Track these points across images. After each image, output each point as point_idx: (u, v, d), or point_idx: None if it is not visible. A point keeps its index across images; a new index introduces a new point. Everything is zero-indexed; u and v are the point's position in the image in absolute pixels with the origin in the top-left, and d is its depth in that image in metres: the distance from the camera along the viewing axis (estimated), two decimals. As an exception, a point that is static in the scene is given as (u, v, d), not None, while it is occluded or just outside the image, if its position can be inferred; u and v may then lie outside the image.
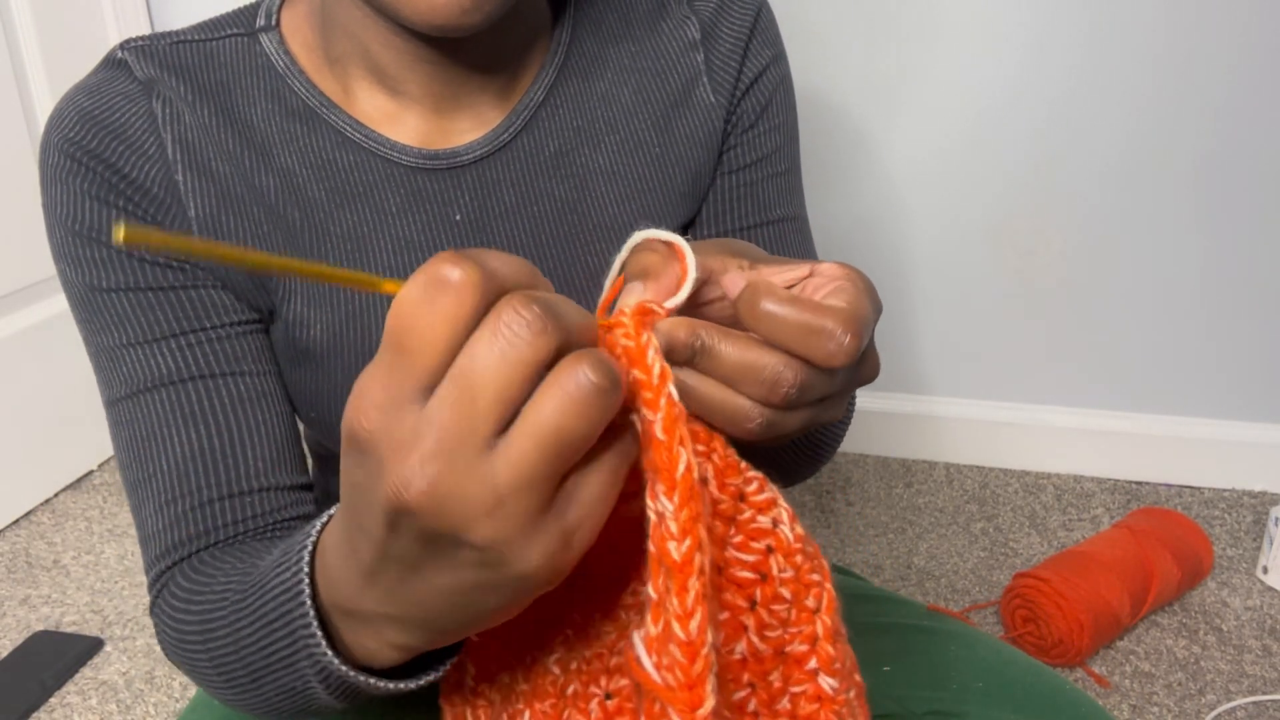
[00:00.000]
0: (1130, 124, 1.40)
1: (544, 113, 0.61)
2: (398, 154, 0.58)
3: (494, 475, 0.30)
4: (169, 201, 0.56)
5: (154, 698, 1.16)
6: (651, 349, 0.32)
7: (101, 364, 0.57)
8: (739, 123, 0.64)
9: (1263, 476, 1.53)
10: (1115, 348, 1.53)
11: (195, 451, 0.55)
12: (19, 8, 1.40)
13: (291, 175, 0.57)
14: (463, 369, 0.29)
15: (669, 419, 0.32)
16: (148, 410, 0.55)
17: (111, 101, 0.56)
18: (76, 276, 0.56)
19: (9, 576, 1.38)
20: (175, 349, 0.56)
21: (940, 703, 0.59)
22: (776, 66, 0.65)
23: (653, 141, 0.63)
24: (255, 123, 0.58)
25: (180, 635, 0.52)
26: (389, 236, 0.58)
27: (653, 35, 0.63)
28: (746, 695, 0.37)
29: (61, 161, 0.55)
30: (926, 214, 1.51)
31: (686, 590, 0.31)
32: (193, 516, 0.55)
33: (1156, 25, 1.34)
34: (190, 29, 0.60)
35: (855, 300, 0.37)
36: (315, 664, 0.42)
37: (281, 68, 0.58)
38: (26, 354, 1.49)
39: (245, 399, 0.56)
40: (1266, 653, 1.21)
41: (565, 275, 0.61)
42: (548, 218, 0.61)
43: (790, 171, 0.67)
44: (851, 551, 1.42)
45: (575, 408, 0.29)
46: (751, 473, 0.37)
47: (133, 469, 0.56)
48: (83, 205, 0.55)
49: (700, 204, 0.65)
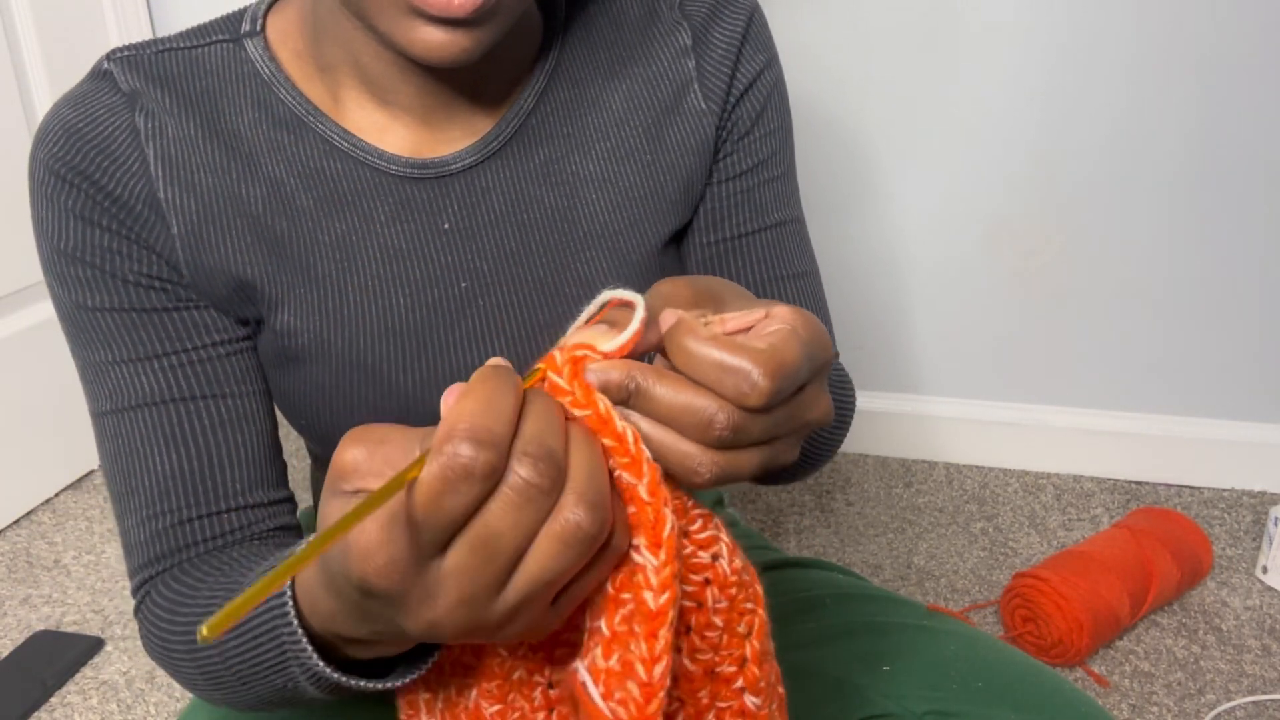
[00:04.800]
0: (1130, 124, 1.40)
1: (534, 120, 0.61)
2: (386, 163, 0.58)
3: (501, 610, 0.34)
4: (152, 219, 0.56)
5: (154, 697, 1.16)
6: (617, 415, 0.35)
7: (88, 377, 0.58)
8: (734, 130, 0.64)
9: (1262, 476, 1.53)
10: (1115, 348, 1.53)
11: (176, 471, 0.56)
12: (19, 8, 1.40)
13: (279, 184, 0.57)
14: (480, 536, 0.33)
15: (653, 483, 0.35)
16: (131, 428, 0.56)
17: (95, 115, 0.56)
18: (63, 294, 0.57)
19: (9, 576, 1.39)
20: (159, 369, 0.56)
21: (940, 702, 0.59)
22: (770, 71, 0.65)
23: (643, 149, 0.62)
24: (242, 132, 0.57)
25: (165, 642, 0.53)
26: (377, 245, 0.58)
27: (644, 42, 0.63)
28: (675, 709, 0.39)
29: (47, 178, 0.55)
30: (926, 214, 1.51)
31: (656, 638, 0.34)
32: (174, 532, 0.56)
33: (1158, 25, 1.34)
34: (178, 35, 0.60)
35: (781, 343, 0.36)
36: (305, 670, 0.43)
37: (268, 75, 0.58)
38: (26, 354, 1.49)
39: (226, 421, 0.57)
40: (1266, 653, 1.21)
41: (555, 283, 0.61)
42: (537, 225, 0.60)
43: (786, 175, 0.67)
44: (851, 551, 1.42)
45: (567, 552, 0.33)
46: (697, 510, 0.38)
47: (116, 480, 0.57)
48: (68, 225, 0.55)
49: (693, 211, 0.65)
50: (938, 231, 1.52)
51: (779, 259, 0.66)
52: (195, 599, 0.52)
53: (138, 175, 0.55)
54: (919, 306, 1.57)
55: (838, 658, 0.64)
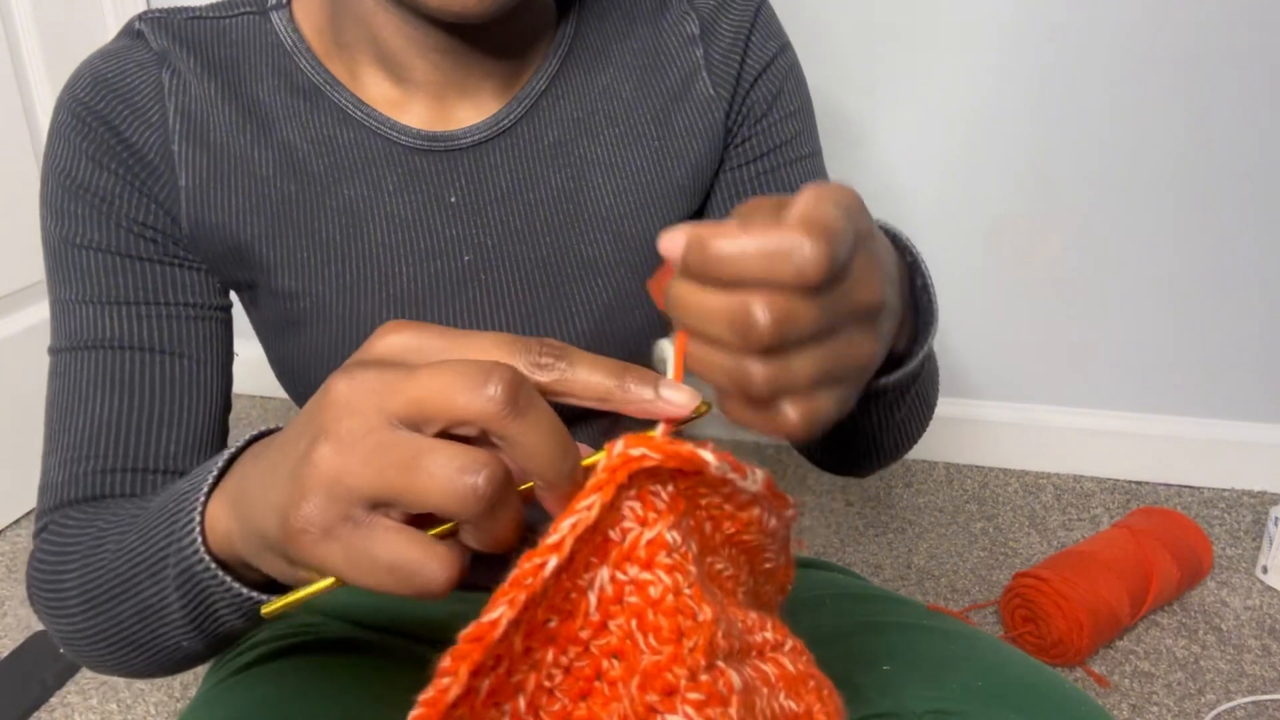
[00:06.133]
0: (1130, 124, 1.40)
1: (545, 102, 0.62)
2: (398, 134, 0.60)
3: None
4: (163, 169, 0.58)
5: (154, 698, 1.16)
6: None
7: (55, 314, 0.59)
8: (750, 114, 0.65)
9: (1263, 476, 1.53)
10: (1115, 348, 1.53)
11: (114, 418, 0.57)
12: (19, 8, 1.40)
13: (292, 149, 0.59)
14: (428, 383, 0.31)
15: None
16: (81, 366, 0.57)
17: (125, 68, 0.58)
18: (55, 227, 0.59)
19: (9, 576, 1.38)
20: (126, 316, 0.58)
21: (940, 701, 0.59)
22: (783, 56, 0.66)
23: (652, 135, 0.64)
24: (260, 97, 0.59)
25: (61, 555, 0.52)
26: (384, 213, 0.60)
27: (654, 31, 0.64)
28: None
29: (68, 119, 0.58)
30: (926, 214, 1.51)
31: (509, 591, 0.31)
32: (95, 479, 0.56)
33: (1159, 25, 1.34)
34: (206, 6, 0.62)
35: (811, 209, 0.32)
36: (181, 556, 0.42)
37: (290, 45, 0.60)
38: (27, 354, 1.49)
39: (177, 381, 0.58)
40: (1266, 652, 1.21)
41: (558, 263, 0.62)
42: (544, 204, 0.62)
43: (813, 156, 0.68)
44: (851, 551, 1.42)
45: (449, 486, 0.30)
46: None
47: (53, 418, 0.58)
48: (78, 163, 0.57)
49: (703, 198, 0.66)
50: (938, 231, 1.52)
51: None
52: (116, 511, 0.52)
53: (156, 127, 0.57)
54: (919, 306, 1.57)
55: (837, 657, 0.63)
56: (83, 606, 0.50)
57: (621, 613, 0.33)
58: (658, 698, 0.33)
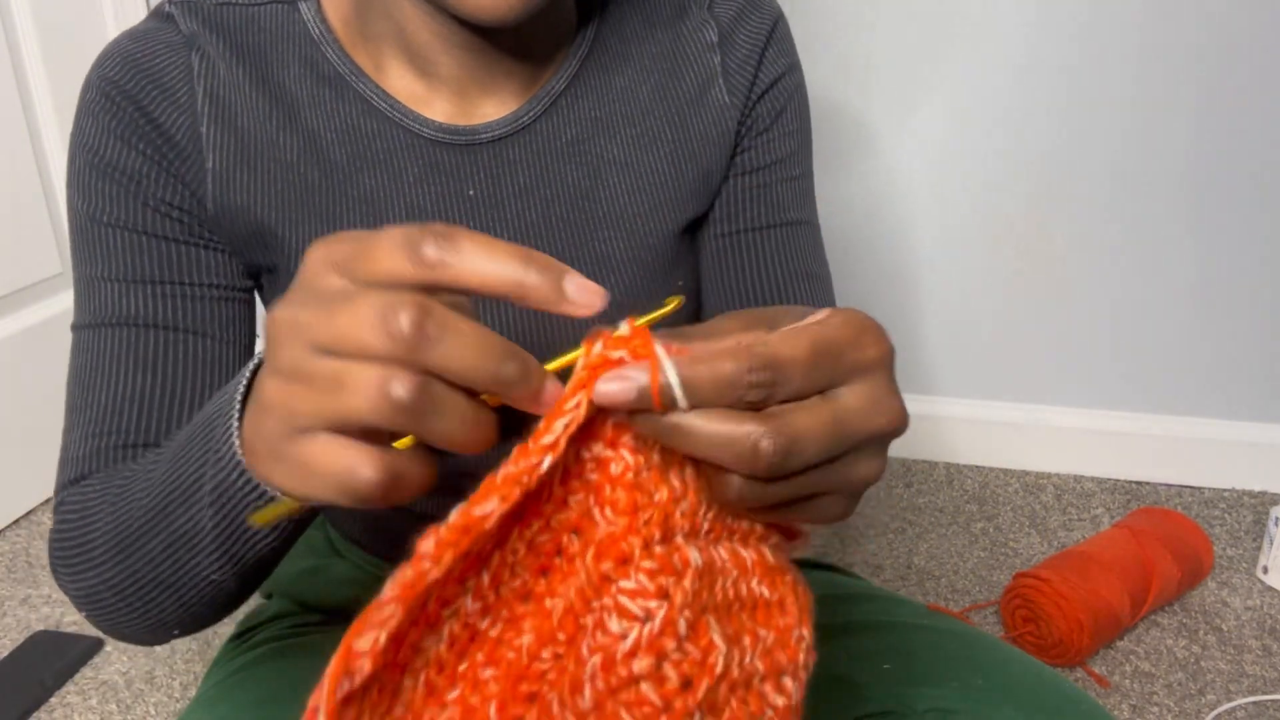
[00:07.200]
0: (1131, 124, 1.40)
1: (564, 101, 0.63)
2: (420, 126, 0.61)
3: None
4: (190, 151, 0.58)
5: (154, 698, 1.16)
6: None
7: (80, 292, 0.59)
8: (754, 125, 0.67)
9: (1263, 476, 1.53)
10: (1115, 347, 1.53)
11: (137, 394, 0.57)
12: (19, 8, 1.40)
13: (316, 137, 0.60)
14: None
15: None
16: (105, 343, 0.58)
17: (154, 49, 0.59)
18: (82, 205, 0.59)
19: (9, 576, 1.38)
20: (150, 294, 0.58)
21: (940, 700, 0.59)
22: (791, 75, 0.68)
23: (667, 137, 0.65)
24: (287, 85, 0.60)
25: (85, 512, 0.52)
26: (403, 204, 0.61)
27: (673, 36, 0.66)
28: None
29: (97, 98, 0.58)
30: (928, 214, 1.51)
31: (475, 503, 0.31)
32: (115, 454, 0.56)
33: (1159, 24, 1.34)
34: None
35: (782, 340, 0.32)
36: (219, 468, 0.42)
37: (317, 35, 0.61)
38: (27, 354, 1.49)
39: (199, 360, 0.59)
40: (1266, 653, 1.21)
41: (572, 259, 0.63)
42: (560, 201, 0.63)
43: (803, 177, 0.70)
44: (851, 551, 1.42)
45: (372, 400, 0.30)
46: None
47: (75, 393, 0.58)
48: (106, 141, 0.58)
49: (711, 201, 0.67)
50: (938, 231, 1.52)
51: (791, 257, 0.68)
52: (144, 460, 0.52)
53: (184, 109, 0.58)
54: (919, 306, 1.57)
55: (837, 657, 0.64)
56: (111, 553, 0.50)
57: (582, 488, 0.34)
58: (612, 565, 0.33)
